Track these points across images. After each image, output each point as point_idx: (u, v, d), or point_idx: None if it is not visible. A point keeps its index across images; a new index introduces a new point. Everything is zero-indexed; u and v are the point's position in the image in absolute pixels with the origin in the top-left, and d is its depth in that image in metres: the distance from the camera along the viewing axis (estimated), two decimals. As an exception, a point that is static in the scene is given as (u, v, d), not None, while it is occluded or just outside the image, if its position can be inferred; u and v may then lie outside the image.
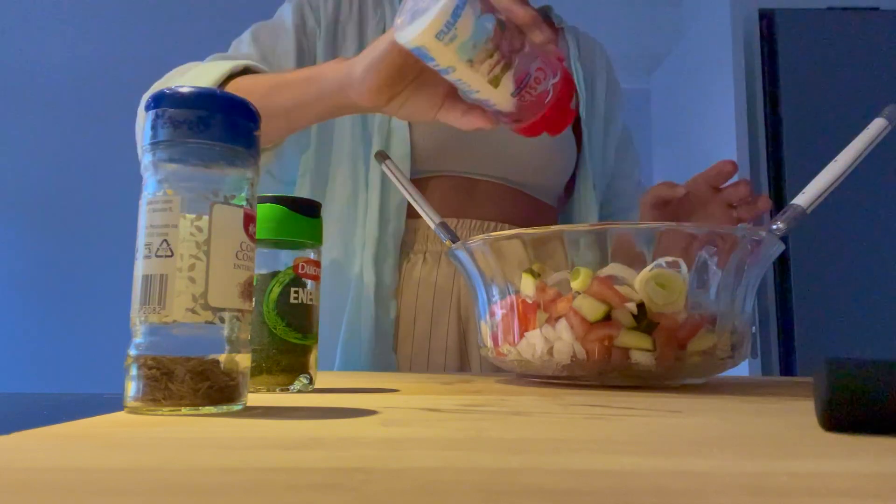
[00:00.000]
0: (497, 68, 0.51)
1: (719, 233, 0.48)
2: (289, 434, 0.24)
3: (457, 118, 0.59)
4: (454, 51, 0.49)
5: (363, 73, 0.56)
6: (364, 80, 0.56)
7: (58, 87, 2.67)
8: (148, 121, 0.32)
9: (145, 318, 0.30)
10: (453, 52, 0.49)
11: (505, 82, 0.51)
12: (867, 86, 2.19)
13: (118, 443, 0.22)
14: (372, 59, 0.56)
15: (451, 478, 0.17)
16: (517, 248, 0.50)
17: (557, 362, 0.48)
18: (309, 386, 0.44)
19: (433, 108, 0.59)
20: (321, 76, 0.62)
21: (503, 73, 0.51)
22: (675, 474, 0.18)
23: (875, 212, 2.15)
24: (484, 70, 0.50)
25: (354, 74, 0.57)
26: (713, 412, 0.33)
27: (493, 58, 0.50)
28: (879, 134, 0.52)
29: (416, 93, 0.57)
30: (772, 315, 2.23)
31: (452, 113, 0.59)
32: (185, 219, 0.30)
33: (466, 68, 0.50)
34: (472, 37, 0.48)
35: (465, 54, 0.49)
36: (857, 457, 0.21)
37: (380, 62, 0.55)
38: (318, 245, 0.46)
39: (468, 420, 0.29)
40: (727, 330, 0.48)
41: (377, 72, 0.55)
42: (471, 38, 0.48)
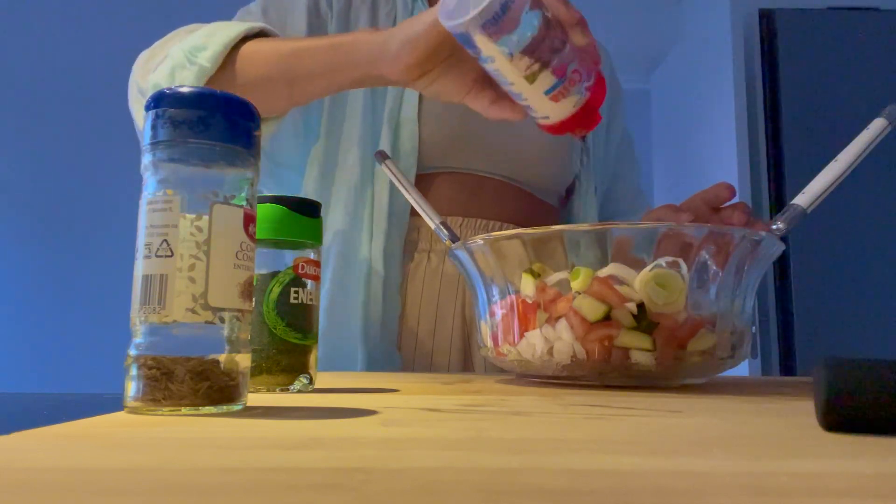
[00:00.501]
0: (535, 66, 0.51)
1: (719, 233, 0.48)
2: (289, 434, 0.24)
3: (484, 106, 0.59)
4: (497, 42, 0.49)
5: (399, 48, 0.56)
6: (399, 54, 0.56)
7: (58, 87, 2.67)
8: (148, 121, 0.32)
9: (145, 318, 0.30)
10: (496, 43, 0.49)
11: (541, 80, 0.51)
12: (867, 86, 2.19)
13: (118, 443, 0.22)
14: (410, 34, 0.55)
15: (451, 478, 0.17)
16: (517, 248, 0.50)
17: (557, 362, 0.48)
18: (309, 386, 0.44)
19: (462, 90, 0.59)
20: (352, 44, 0.61)
21: (541, 71, 0.51)
22: (675, 474, 0.18)
23: (875, 212, 2.15)
24: (522, 65, 0.50)
25: (389, 47, 0.57)
26: (713, 412, 0.33)
27: (534, 55, 0.50)
28: (879, 134, 0.52)
29: (447, 72, 0.57)
30: (772, 315, 2.23)
31: (480, 100, 0.59)
32: (185, 219, 0.30)
33: (506, 61, 0.50)
34: (518, 31, 0.49)
35: (508, 47, 0.49)
36: (857, 457, 0.21)
37: (418, 39, 0.55)
38: (318, 245, 0.46)
39: (468, 420, 0.29)
40: (727, 330, 0.48)
41: (414, 48, 0.55)
42: (516, 33, 0.49)
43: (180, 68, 0.64)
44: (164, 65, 0.65)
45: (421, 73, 0.57)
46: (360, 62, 0.60)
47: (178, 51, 0.65)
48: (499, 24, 0.48)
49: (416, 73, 0.57)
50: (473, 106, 0.60)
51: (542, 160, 0.86)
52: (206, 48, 0.64)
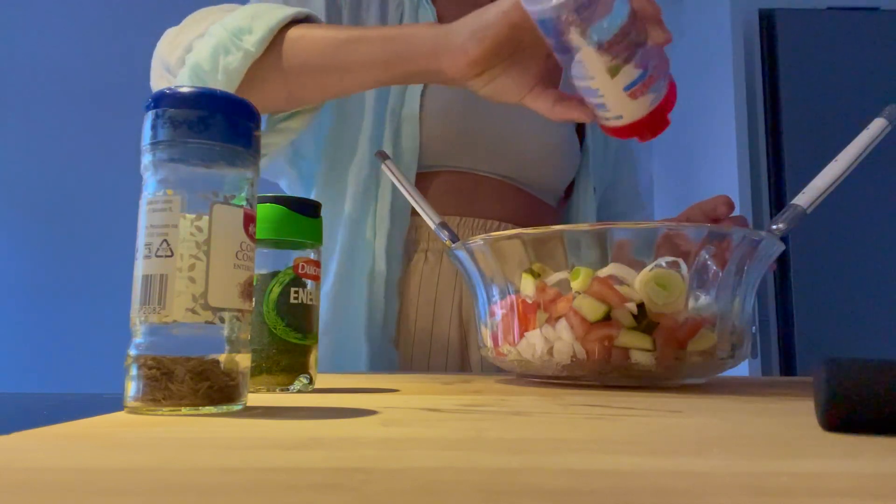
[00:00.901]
0: (621, 58, 0.48)
1: (719, 234, 0.48)
2: (289, 434, 0.24)
3: (547, 107, 0.57)
4: (588, 28, 0.47)
5: (465, 40, 0.54)
6: (465, 46, 0.54)
7: (58, 87, 2.67)
8: (148, 121, 0.32)
9: (145, 318, 0.30)
10: (587, 29, 0.47)
11: (623, 74, 0.49)
12: (867, 86, 2.19)
13: (118, 443, 0.22)
14: (478, 26, 0.54)
15: (451, 478, 0.17)
16: (517, 248, 0.50)
17: (557, 362, 0.48)
18: (309, 386, 0.44)
19: (523, 89, 0.57)
20: (412, 36, 0.59)
21: (625, 63, 0.49)
22: (675, 474, 0.18)
23: (875, 212, 2.15)
24: (608, 56, 0.48)
25: (453, 40, 0.55)
26: (713, 412, 0.33)
27: (620, 46, 0.48)
28: (879, 134, 0.52)
29: (509, 70, 0.55)
30: (772, 315, 2.23)
31: (543, 100, 0.57)
32: (185, 219, 0.30)
33: (592, 51, 0.48)
34: (610, 17, 0.47)
35: (597, 35, 0.47)
36: (857, 457, 0.21)
37: (486, 31, 0.53)
38: (318, 245, 0.46)
39: (468, 420, 0.29)
40: (727, 330, 0.48)
41: (481, 41, 0.53)
42: (607, 19, 0.46)
43: (224, 50, 0.61)
44: (205, 43, 0.63)
45: (483, 69, 0.55)
46: (418, 54, 0.58)
47: (220, 30, 0.63)
48: (592, 9, 0.46)
49: (480, 68, 0.55)
50: (534, 106, 0.57)
51: (541, 160, 0.86)
52: (252, 31, 0.62)
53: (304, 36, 0.63)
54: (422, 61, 0.58)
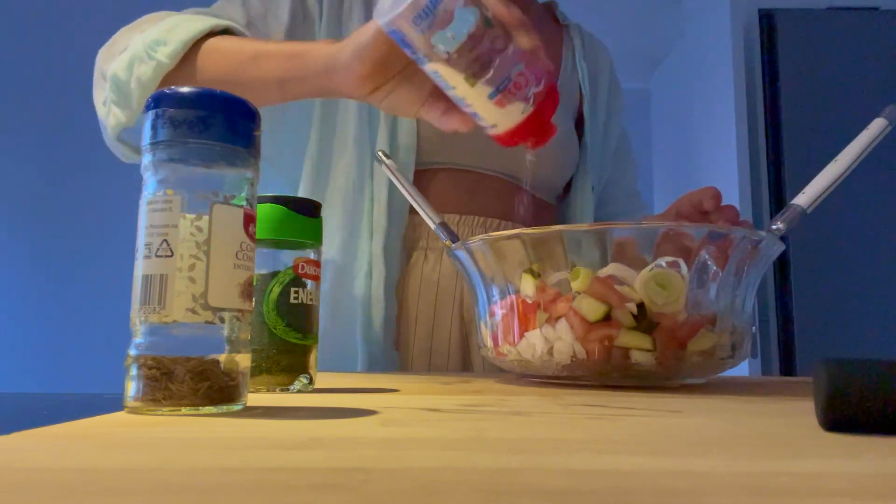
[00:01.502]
0: (475, 65, 0.48)
1: (719, 233, 0.48)
2: (289, 434, 0.24)
3: (436, 117, 0.57)
4: (431, 39, 0.47)
5: (349, 59, 0.55)
6: (349, 66, 0.55)
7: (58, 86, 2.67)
8: (148, 121, 0.32)
9: (145, 318, 0.30)
10: (430, 40, 0.47)
11: (482, 83, 0.49)
12: (867, 86, 2.19)
13: (118, 443, 0.22)
14: (357, 45, 0.54)
15: (451, 478, 0.17)
16: (517, 248, 0.50)
17: (557, 362, 0.48)
18: (309, 386, 0.44)
19: (416, 103, 0.57)
20: (307, 54, 0.59)
21: (482, 71, 0.49)
22: (675, 474, 0.18)
23: (875, 212, 2.15)
24: (462, 64, 0.48)
25: (340, 59, 0.56)
26: (713, 412, 0.33)
27: (472, 53, 0.48)
28: (879, 134, 0.52)
29: (401, 86, 0.56)
30: (772, 315, 2.23)
31: (433, 111, 0.57)
32: (185, 219, 0.30)
33: (443, 60, 0.48)
34: (452, 27, 0.46)
35: (443, 45, 0.47)
36: (857, 457, 0.21)
37: (364, 49, 0.53)
38: (318, 245, 0.46)
39: (468, 420, 0.29)
40: (727, 330, 0.48)
41: (362, 59, 0.54)
42: (450, 28, 0.46)
43: (139, 61, 0.63)
44: (125, 55, 0.64)
45: (374, 86, 0.55)
46: (315, 73, 0.59)
47: (139, 42, 0.64)
48: (431, 19, 0.46)
49: (369, 86, 0.55)
50: (427, 118, 0.58)
51: (540, 157, 0.86)
52: (166, 43, 0.63)
53: (215, 49, 0.64)
54: (316, 80, 0.59)
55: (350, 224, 0.79)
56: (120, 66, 0.64)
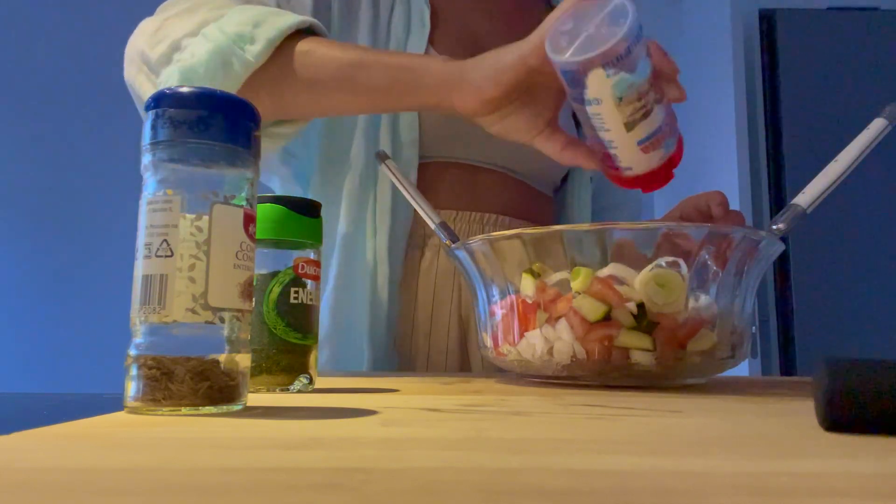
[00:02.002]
0: (639, 114, 0.50)
1: (719, 233, 0.48)
2: (289, 434, 0.24)
3: (556, 150, 0.57)
4: (612, 84, 0.48)
5: (481, 80, 0.55)
6: (481, 86, 0.55)
7: (58, 86, 2.67)
8: (148, 121, 0.32)
9: (145, 318, 0.30)
10: (610, 85, 0.48)
11: (639, 129, 0.50)
12: (867, 86, 2.19)
13: (118, 443, 0.22)
14: (496, 68, 0.54)
15: (451, 478, 0.17)
16: (517, 248, 0.50)
17: (557, 362, 0.48)
18: (309, 386, 0.44)
19: (532, 130, 0.57)
20: (423, 68, 0.58)
21: (642, 119, 0.50)
22: (675, 474, 0.18)
23: (875, 212, 2.15)
24: (627, 111, 0.49)
25: (469, 78, 0.55)
26: (713, 412, 0.33)
27: (640, 102, 0.49)
28: (879, 134, 0.52)
29: (521, 110, 0.56)
30: (772, 315, 2.23)
31: (552, 143, 0.57)
32: (185, 219, 0.30)
33: (613, 105, 0.49)
34: (634, 76, 0.47)
35: (619, 91, 0.48)
36: (857, 457, 0.21)
37: (503, 73, 0.53)
38: (318, 245, 0.46)
39: (468, 420, 0.29)
40: (727, 330, 0.48)
41: (498, 83, 0.54)
42: (631, 76, 0.47)
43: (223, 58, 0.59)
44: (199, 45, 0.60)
45: (496, 108, 0.55)
46: (430, 87, 0.58)
47: (219, 34, 0.60)
48: (619, 65, 0.47)
49: (492, 108, 0.55)
50: (543, 148, 0.58)
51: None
52: (254, 40, 0.60)
53: (310, 51, 0.62)
54: (431, 95, 0.58)
55: (356, 220, 0.78)
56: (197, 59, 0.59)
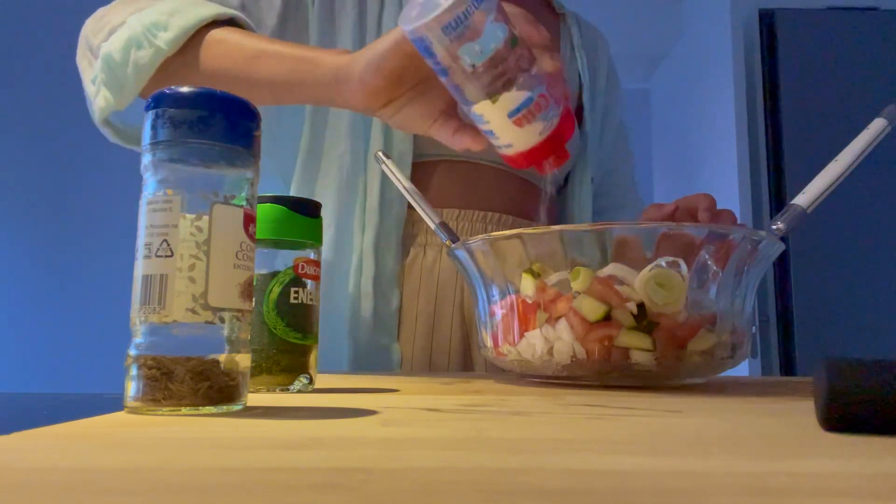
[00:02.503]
0: (499, 82, 0.48)
1: (719, 233, 0.48)
2: (289, 434, 0.24)
3: (448, 135, 0.57)
4: (458, 51, 0.46)
5: (363, 71, 0.54)
6: (363, 78, 0.54)
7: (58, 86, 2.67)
8: (148, 121, 0.32)
9: (145, 318, 0.30)
10: (457, 51, 0.46)
11: (504, 99, 0.48)
12: (867, 86, 2.19)
13: (118, 443, 0.22)
14: (374, 55, 0.53)
15: (451, 478, 0.17)
16: (517, 248, 0.50)
17: (557, 362, 0.48)
18: (309, 386, 0.44)
19: (428, 120, 0.56)
20: (317, 61, 0.58)
21: (505, 88, 0.48)
22: (675, 474, 0.18)
23: (875, 212, 2.15)
24: (485, 80, 0.48)
25: (354, 70, 0.54)
26: (713, 412, 0.33)
27: (498, 69, 0.47)
28: (879, 134, 0.52)
29: (413, 102, 0.55)
30: (772, 315, 2.23)
31: (445, 129, 0.56)
32: (185, 219, 0.30)
33: (467, 74, 0.47)
34: (481, 40, 0.46)
35: (470, 57, 0.47)
36: (857, 457, 0.21)
37: (382, 60, 0.52)
38: (318, 245, 0.46)
39: (468, 420, 0.29)
40: (727, 330, 0.48)
41: (378, 70, 0.53)
42: (479, 42, 0.46)
43: (136, 45, 0.60)
44: (121, 34, 0.61)
45: (386, 101, 0.54)
46: (323, 81, 0.57)
47: (136, 23, 0.61)
48: (460, 31, 0.45)
49: (381, 99, 0.54)
50: (438, 136, 0.57)
51: None
52: (167, 28, 0.60)
53: (219, 41, 0.62)
54: (324, 89, 0.58)
55: (342, 219, 0.78)
56: (115, 46, 0.61)
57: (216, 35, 0.63)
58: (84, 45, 0.67)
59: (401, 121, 0.57)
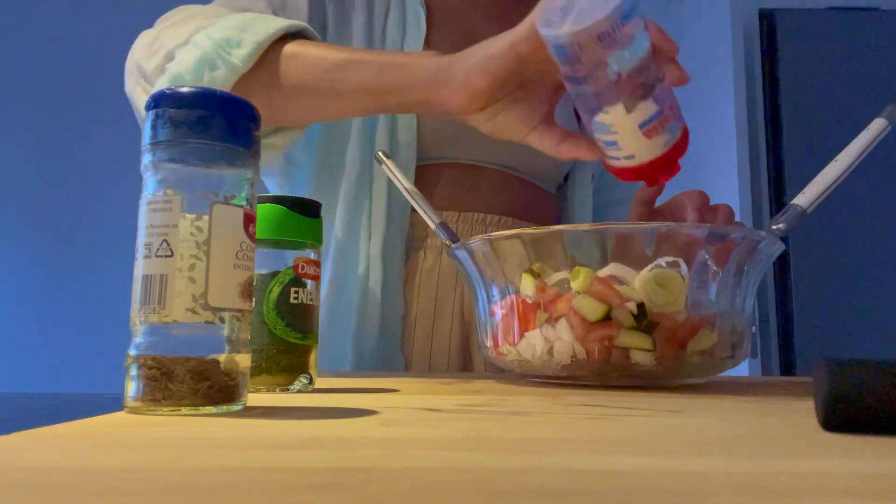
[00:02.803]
0: (639, 91, 0.46)
1: (719, 233, 0.48)
2: (289, 434, 0.24)
3: (553, 145, 0.54)
4: (608, 57, 0.44)
5: (468, 72, 0.52)
6: (468, 79, 0.52)
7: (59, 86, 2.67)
8: (148, 121, 0.32)
9: (145, 318, 0.30)
10: (607, 59, 0.45)
11: (640, 109, 0.47)
12: (867, 86, 2.19)
13: (118, 443, 0.22)
14: (482, 58, 0.51)
15: (451, 478, 0.17)
16: (517, 248, 0.50)
17: (557, 362, 0.48)
18: (309, 386, 0.44)
19: (527, 127, 0.54)
20: (410, 64, 0.57)
21: (642, 98, 0.46)
22: (675, 474, 0.18)
23: (875, 212, 2.15)
24: (626, 89, 0.46)
25: (455, 70, 0.53)
26: (713, 412, 0.33)
27: (640, 79, 0.46)
28: (879, 134, 0.52)
29: (513, 107, 0.53)
30: (772, 315, 2.23)
31: (548, 138, 0.54)
32: (185, 219, 0.30)
33: (610, 81, 0.45)
34: (631, 48, 0.44)
35: (617, 64, 0.45)
36: (857, 457, 0.21)
37: (492, 63, 0.51)
38: (318, 245, 0.46)
39: (468, 420, 0.29)
40: (727, 330, 0.48)
41: (486, 73, 0.51)
42: (629, 48, 0.44)
43: (210, 63, 0.58)
44: (188, 53, 0.60)
45: (486, 104, 0.53)
46: (417, 84, 0.56)
47: (206, 40, 0.59)
48: (614, 37, 0.44)
49: (482, 102, 0.52)
50: (539, 145, 0.55)
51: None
52: (241, 45, 0.59)
53: (297, 55, 0.61)
54: (420, 92, 0.56)
55: (350, 225, 0.78)
56: (185, 66, 0.59)
57: (290, 49, 0.61)
58: (136, 71, 0.64)
59: (496, 126, 0.55)
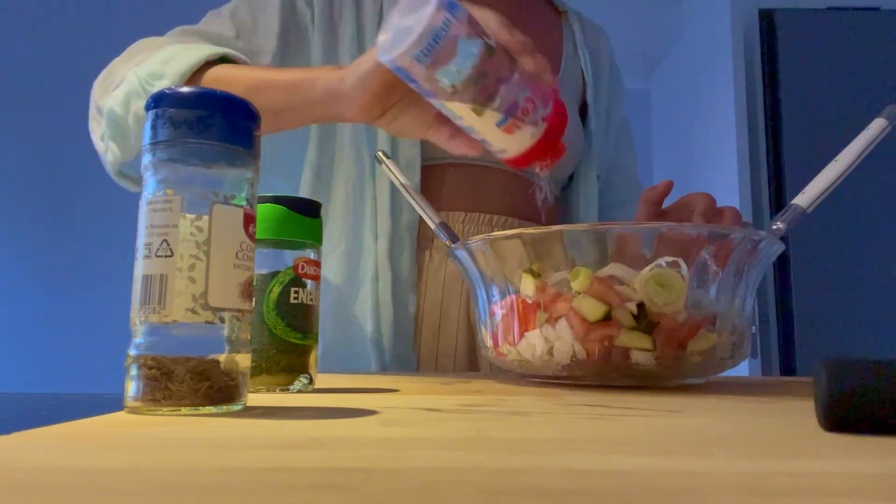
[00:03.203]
0: (481, 97, 0.48)
1: (719, 233, 0.48)
2: (289, 434, 0.24)
3: (443, 140, 0.58)
4: (435, 75, 0.47)
5: (353, 88, 0.55)
6: (353, 94, 0.55)
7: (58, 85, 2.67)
8: (148, 121, 0.32)
9: (145, 318, 0.30)
10: (434, 76, 0.47)
11: (489, 113, 0.49)
12: (867, 86, 2.19)
13: (118, 443, 0.22)
14: (361, 73, 0.55)
15: (451, 478, 0.17)
16: (517, 248, 0.50)
17: (557, 362, 0.48)
18: (309, 386, 0.44)
19: (423, 126, 0.58)
20: (311, 82, 0.60)
21: (488, 101, 0.48)
22: (675, 474, 0.18)
23: (875, 212, 2.15)
24: (467, 97, 0.48)
25: (345, 87, 0.56)
26: (713, 412, 0.33)
27: (478, 85, 0.47)
28: (879, 134, 0.52)
29: (406, 110, 0.56)
30: (772, 315, 2.23)
31: (440, 134, 0.58)
32: (185, 219, 0.30)
33: (449, 94, 0.48)
34: (456, 62, 0.46)
35: (448, 79, 0.47)
36: (857, 457, 0.21)
37: (368, 77, 0.54)
38: (318, 245, 0.46)
39: (468, 420, 0.29)
40: (727, 330, 0.48)
41: (365, 87, 0.54)
42: (454, 64, 0.46)
43: (136, 96, 0.63)
44: (120, 90, 0.64)
45: (380, 112, 0.56)
46: (319, 101, 0.59)
47: (133, 77, 0.64)
48: (434, 55, 0.45)
49: (376, 111, 0.56)
50: (434, 140, 0.59)
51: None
52: (163, 76, 0.63)
53: (218, 79, 0.64)
54: (321, 108, 0.59)
55: (354, 228, 0.78)
56: (116, 101, 0.64)
57: (212, 74, 0.64)
58: (93, 107, 0.70)
59: (397, 128, 0.58)
